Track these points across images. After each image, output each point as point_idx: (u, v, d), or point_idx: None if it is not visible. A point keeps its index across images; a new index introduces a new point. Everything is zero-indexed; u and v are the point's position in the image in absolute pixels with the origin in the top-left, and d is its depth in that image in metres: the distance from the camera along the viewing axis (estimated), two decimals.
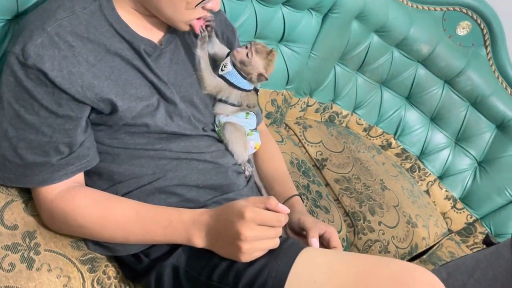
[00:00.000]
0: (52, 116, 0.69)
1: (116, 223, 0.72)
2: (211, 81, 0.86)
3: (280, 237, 0.69)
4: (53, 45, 0.67)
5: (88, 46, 0.70)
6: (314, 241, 0.81)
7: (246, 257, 0.66)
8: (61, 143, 0.71)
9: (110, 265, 0.79)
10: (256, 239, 0.65)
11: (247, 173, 0.90)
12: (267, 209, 0.67)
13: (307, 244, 0.81)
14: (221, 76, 0.87)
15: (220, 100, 0.89)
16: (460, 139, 1.96)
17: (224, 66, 0.87)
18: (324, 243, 0.85)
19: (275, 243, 0.68)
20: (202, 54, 0.84)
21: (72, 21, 0.69)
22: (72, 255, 0.75)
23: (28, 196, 0.76)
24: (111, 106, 0.73)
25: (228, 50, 0.90)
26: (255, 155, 1.00)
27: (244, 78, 0.87)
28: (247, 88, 0.89)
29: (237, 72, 0.87)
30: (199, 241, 0.70)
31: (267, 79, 0.88)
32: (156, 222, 0.71)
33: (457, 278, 0.58)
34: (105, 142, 0.78)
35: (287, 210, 0.68)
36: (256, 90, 0.92)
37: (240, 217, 0.64)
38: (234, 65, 0.86)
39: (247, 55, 0.85)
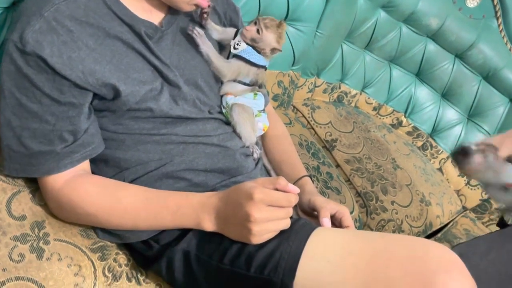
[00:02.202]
0: (54, 104, 0.68)
1: (124, 210, 0.71)
2: (229, 69, 0.85)
3: (291, 218, 0.68)
4: (52, 31, 0.65)
5: (87, 30, 0.69)
6: (326, 220, 0.80)
7: (256, 239, 0.65)
8: (65, 130, 0.70)
9: (120, 253, 0.78)
10: (266, 220, 0.64)
11: (255, 155, 0.89)
12: (277, 189, 0.65)
13: (318, 224, 0.80)
14: (236, 55, 0.85)
15: (234, 80, 0.88)
16: (473, 114, 1.92)
17: (237, 44, 0.85)
18: (336, 223, 0.83)
19: (286, 223, 0.66)
20: (206, 48, 0.83)
21: (70, 5, 0.67)
22: (82, 243, 0.74)
23: (35, 186, 0.76)
24: (113, 91, 0.71)
25: (233, 29, 0.88)
26: (263, 137, 0.98)
27: (259, 53, 0.86)
28: (264, 64, 0.88)
29: (252, 49, 0.85)
30: (209, 225, 0.69)
31: (280, 51, 0.87)
32: (164, 208, 0.70)
33: (470, 258, 0.57)
34: (110, 129, 0.76)
35: (297, 190, 0.67)
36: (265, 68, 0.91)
37: (249, 199, 0.63)
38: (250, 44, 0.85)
39: (258, 31, 0.83)
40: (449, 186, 1.86)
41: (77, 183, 0.71)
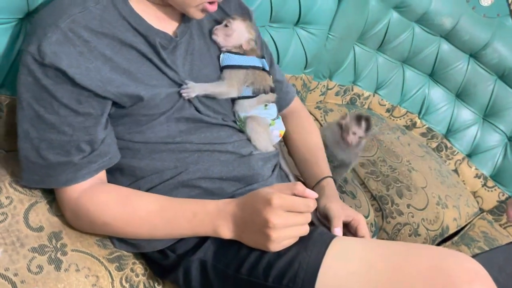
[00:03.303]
0: (72, 115, 0.68)
1: (140, 218, 0.71)
2: (226, 84, 0.84)
3: (311, 224, 0.67)
4: (68, 42, 0.65)
5: (103, 40, 0.69)
6: (337, 230, 0.79)
7: (275, 246, 0.64)
8: (82, 141, 0.70)
9: (137, 262, 0.78)
10: (285, 226, 0.63)
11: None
12: (295, 195, 0.64)
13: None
14: (223, 67, 0.85)
15: (238, 98, 0.87)
16: (488, 114, 1.89)
17: (220, 57, 0.86)
18: (352, 230, 0.82)
19: (305, 229, 0.65)
20: (200, 91, 0.80)
21: (85, 16, 0.68)
22: (99, 254, 0.74)
23: (52, 196, 0.76)
24: (134, 98, 0.72)
25: None
26: (286, 137, 0.96)
27: (237, 54, 0.86)
28: (248, 64, 0.87)
29: (228, 53, 0.85)
30: (226, 232, 0.68)
31: (254, 41, 0.87)
32: (180, 216, 0.70)
33: (488, 271, 0.56)
34: (125, 137, 0.76)
35: (315, 195, 0.65)
36: (265, 70, 0.90)
37: (267, 204, 0.62)
38: (226, 50, 0.86)
39: (226, 25, 0.84)
40: (465, 188, 1.83)
41: (94, 193, 0.71)
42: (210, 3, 0.74)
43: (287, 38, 1.35)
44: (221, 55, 0.85)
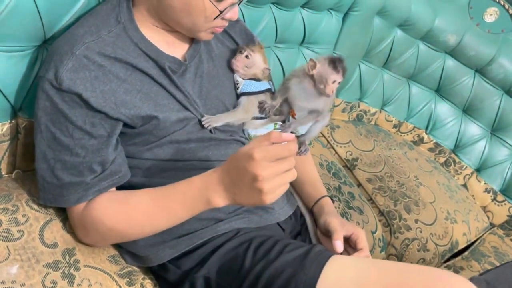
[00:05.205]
0: (85, 137, 0.72)
1: (138, 213, 0.72)
2: (243, 112, 0.89)
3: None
4: (84, 67, 0.70)
5: (116, 64, 0.73)
6: (338, 243, 0.81)
7: (270, 197, 0.63)
8: (94, 162, 0.73)
9: (147, 278, 0.80)
10: (274, 175, 0.62)
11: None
12: (273, 144, 0.64)
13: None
14: (242, 93, 0.90)
15: (256, 118, 0.91)
16: (496, 129, 1.89)
17: (237, 83, 0.90)
18: (352, 244, 0.84)
19: (293, 174, 0.65)
20: (221, 122, 0.85)
21: (99, 44, 0.72)
22: (111, 269, 0.76)
23: (65, 214, 0.79)
24: (146, 119, 0.75)
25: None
26: None
27: (256, 80, 0.91)
28: (266, 88, 0.92)
29: (249, 80, 0.90)
30: (219, 200, 0.67)
31: (269, 69, 0.93)
32: (172, 200, 0.71)
33: None
34: (136, 156, 0.80)
35: (292, 136, 0.65)
36: (273, 92, 0.95)
37: (250, 160, 0.61)
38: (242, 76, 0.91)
39: (247, 57, 0.88)
40: (474, 202, 1.82)
41: (96, 202, 0.74)
42: (218, 27, 0.78)
43: (292, 58, 1.38)
44: (240, 80, 0.90)
